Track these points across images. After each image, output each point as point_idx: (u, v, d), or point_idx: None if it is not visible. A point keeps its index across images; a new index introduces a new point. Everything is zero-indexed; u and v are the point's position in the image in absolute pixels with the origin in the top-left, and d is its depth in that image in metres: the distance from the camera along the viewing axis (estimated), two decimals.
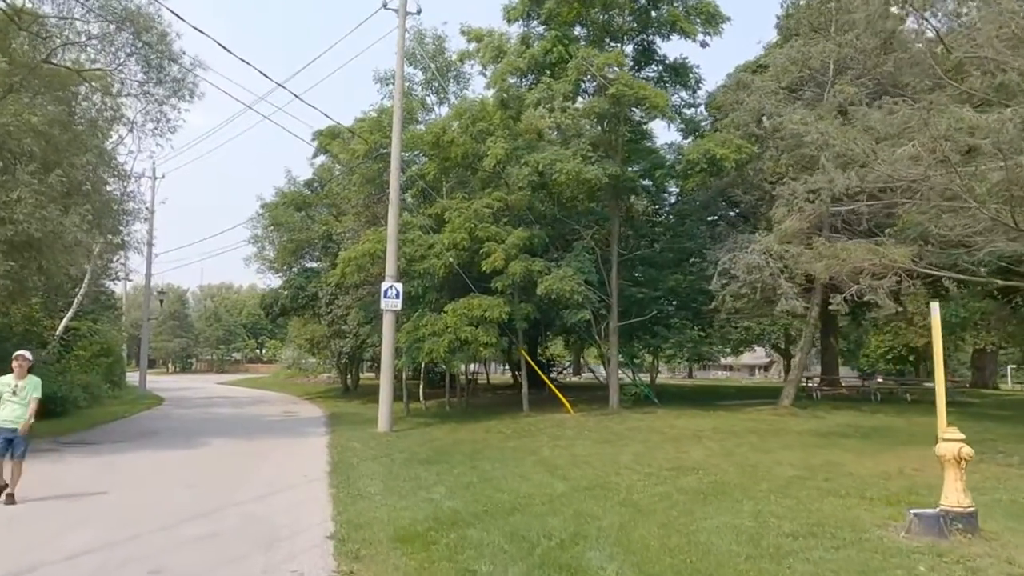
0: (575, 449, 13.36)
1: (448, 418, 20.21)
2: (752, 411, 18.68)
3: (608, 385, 19.70)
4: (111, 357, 34.01)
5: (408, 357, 18.31)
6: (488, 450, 13.71)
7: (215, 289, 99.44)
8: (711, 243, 18.99)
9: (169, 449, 14.15)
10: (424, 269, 18.46)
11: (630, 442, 13.94)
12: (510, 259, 17.99)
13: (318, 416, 23.01)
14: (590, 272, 17.82)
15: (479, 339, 17.83)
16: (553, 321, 20.63)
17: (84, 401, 24.82)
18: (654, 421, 16.86)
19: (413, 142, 20.20)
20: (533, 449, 13.61)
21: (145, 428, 18.75)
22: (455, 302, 18.47)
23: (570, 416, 18.69)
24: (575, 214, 20.75)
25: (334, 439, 15.84)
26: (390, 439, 15.76)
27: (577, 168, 16.55)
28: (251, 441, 15.78)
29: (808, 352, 19.46)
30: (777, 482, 9.54)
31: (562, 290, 16.99)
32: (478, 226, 18.25)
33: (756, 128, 17.76)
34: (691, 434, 14.61)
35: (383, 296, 17.46)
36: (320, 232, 27.53)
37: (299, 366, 54.15)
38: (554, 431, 16.20)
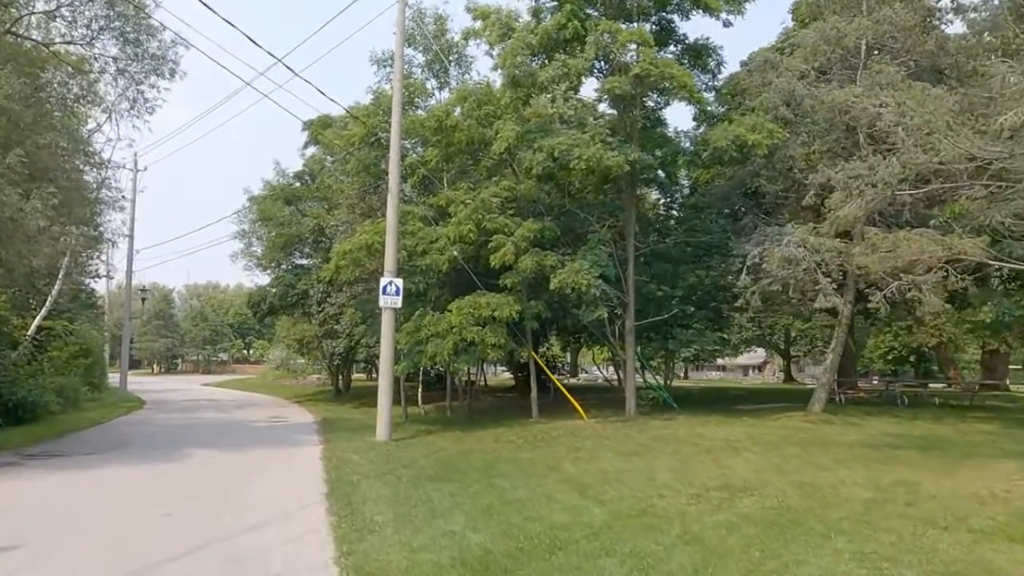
0: (601, 463, 11.95)
1: (451, 425, 18.76)
2: (780, 417, 17.35)
3: (624, 389, 18.26)
4: (90, 358, 32.33)
5: (409, 360, 16.83)
6: (502, 464, 12.28)
7: (201, 288, 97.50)
8: (734, 237, 17.63)
9: (144, 463, 12.63)
10: (426, 264, 17.00)
11: (660, 454, 12.55)
12: (520, 253, 16.56)
13: (309, 422, 21.50)
14: (607, 266, 16.41)
15: (487, 340, 16.40)
16: (560, 321, 19.16)
17: (58, 406, 23.23)
18: (678, 429, 15.48)
19: (414, 128, 18.73)
20: (553, 463, 12.20)
21: (121, 436, 17.19)
22: (460, 300, 17.02)
23: (585, 423, 17.29)
24: (585, 206, 19.34)
25: (329, 450, 14.36)
26: (391, 449, 14.30)
27: (598, 154, 15.13)
28: (237, 452, 14.28)
29: (840, 353, 18.13)
30: (853, 508, 8.17)
31: (577, 284, 15.58)
32: (486, 217, 16.81)
33: (787, 111, 16.40)
34: (725, 445, 13.24)
35: (382, 293, 15.98)
36: (311, 226, 25.99)
37: (287, 367, 52.52)
38: (571, 441, 14.79)
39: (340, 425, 19.55)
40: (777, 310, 18.46)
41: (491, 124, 17.43)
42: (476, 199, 17.08)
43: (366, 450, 14.17)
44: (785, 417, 17.25)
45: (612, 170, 15.72)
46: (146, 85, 16.83)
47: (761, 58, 17.98)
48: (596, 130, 15.84)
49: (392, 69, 19.49)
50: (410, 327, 17.05)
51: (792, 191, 18.40)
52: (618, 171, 15.73)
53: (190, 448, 14.72)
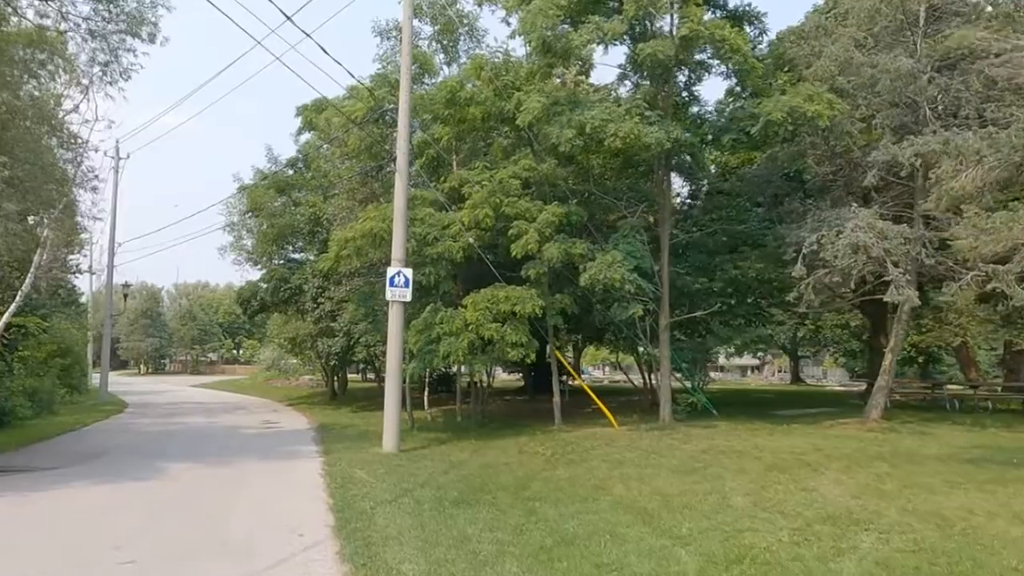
0: (656, 483, 10.10)
1: (463, 432, 16.85)
2: (834, 424, 15.60)
3: (652, 392, 16.41)
4: (69, 358, 30.28)
5: (420, 361, 14.91)
6: (536, 482, 10.42)
7: (191, 288, 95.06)
8: (778, 224, 15.79)
9: (112, 480, 10.69)
10: (438, 253, 15.11)
11: (723, 471, 10.71)
12: (544, 241, 14.71)
13: (305, 428, 19.55)
14: (643, 257, 14.58)
15: (506, 339, 14.53)
16: (583, 317, 17.27)
17: (29, 411, 21.24)
18: (728, 439, 13.66)
19: (423, 104, 16.84)
20: (598, 482, 10.34)
21: (94, 446, 15.22)
22: (475, 294, 15.15)
23: (616, 431, 15.46)
24: (609, 192, 17.51)
25: (330, 463, 12.44)
26: (401, 464, 12.39)
27: (636, 129, 13.29)
28: (223, 467, 12.34)
29: (897, 352, 16.34)
30: (1021, 550, 6.35)
31: (611, 279, 13.73)
32: (505, 201, 14.92)
33: (844, 81, 14.59)
34: (794, 460, 11.41)
35: (389, 284, 14.07)
36: (306, 215, 23.99)
37: (279, 368, 50.46)
38: (607, 453, 12.94)
39: (339, 432, 17.63)
40: (829, 304, 16.55)
41: (510, 97, 15.55)
42: (493, 180, 15.19)
43: (373, 464, 12.27)
44: (840, 424, 15.47)
45: (651, 148, 13.89)
46: (122, 50, 14.84)
47: (812, 23, 16.13)
48: (632, 103, 13.98)
49: (397, 40, 17.64)
50: (420, 324, 15.15)
51: (840, 173, 16.62)
52: (658, 148, 13.89)
53: (169, 461, 12.79)
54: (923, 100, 14.40)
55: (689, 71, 17.05)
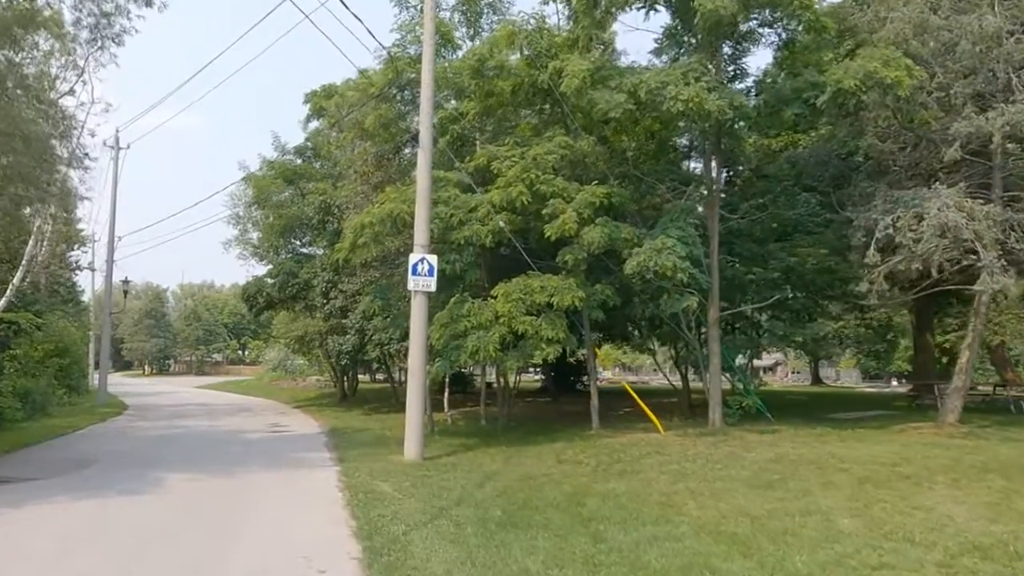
0: (733, 500, 8.58)
1: (490, 438, 15.33)
2: (908, 429, 14.05)
3: (708, 394, 14.87)
4: (67, 358, 28.88)
5: (445, 359, 13.40)
6: (591, 499, 8.91)
7: (196, 288, 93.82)
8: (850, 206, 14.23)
9: (99, 495, 9.22)
10: (464, 238, 13.61)
11: (808, 485, 9.18)
12: (584, 223, 13.20)
13: (315, 432, 18.07)
14: (694, 244, 13.07)
15: (541, 333, 13.02)
16: (621, 310, 15.73)
17: (20, 413, 19.85)
18: (795, 447, 12.11)
19: (445, 79, 15.37)
20: (663, 498, 8.82)
21: (85, 453, 13.78)
22: (506, 283, 13.66)
23: (663, 437, 13.94)
24: (651, 172, 15.99)
25: (348, 473, 10.95)
26: (428, 474, 10.89)
27: (698, 94, 11.77)
28: (226, 478, 10.86)
29: (975, 350, 14.77)
30: None
31: (662, 267, 12.20)
32: (540, 178, 13.41)
33: (920, 46, 13.04)
34: (886, 471, 9.86)
35: (411, 273, 12.58)
36: (316, 204, 22.49)
37: (284, 368, 49.11)
38: (661, 462, 11.41)
39: (353, 437, 16.16)
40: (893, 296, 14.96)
41: (545, 67, 14.05)
42: (527, 156, 13.68)
43: (396, 474, 10.78)
44: (913, 429, 13.91)
45: (711, 116, 12.34)
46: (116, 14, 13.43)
47: None
48: (689, 67, 12.44)
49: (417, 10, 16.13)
50: (444, 317, 13.65)
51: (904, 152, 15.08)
52: (720, 116, 12.32)
53: (166, 471, 11.32)
54: (1007, 66, 12.84)
55: (735, 44, 15.58)
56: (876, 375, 64.06)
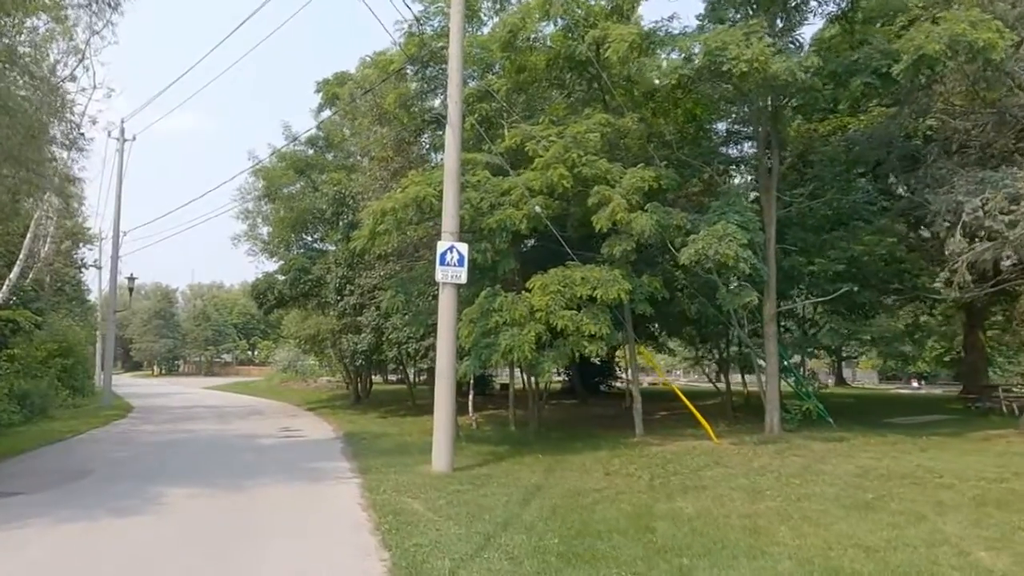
0: (835, 525, 7.23)
1: (522, 445, 14.02)
2: (989, 436, 12.63)
3: (764, 398, 13.51)
4: (71, 358, 27.75)
5: (475, 358, 12.08)
6: (659, 521, 7.59)
7: (205, 288, 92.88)
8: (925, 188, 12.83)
9: (89, 514, 7.96)
10: (497, 224, 12.29)
11: (916, 507, 7.81)
12: (632, 209, 11.87)
13: (330, 438, 16.79)
14: (755, 230, 11.71)
15: (583, 330, 11.68)
16: (667, 306, 14.36)
17: (19, 416, 18.73)
18: (875, 457, 10.74)
19: (470, 56, 14.09)
20: (746, 522, 7.49)
21: (80, 461, 12.57)
22: (542, 275, 12.34)
23: (717, 445, 12.60)
24: (695, 155, 14.65)
25: (372, 487, 9.65)
26: (462, 489, 9.58)
27: (763, 54, 10.43)
28: (235, 493, 9.58)
29: None
30: None
31: (723, 256, 10.85)
32: (582, 158, 12.08)
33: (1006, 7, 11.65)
34: (1001, 489, 8.51)
35: (439, 263, 11.28)
36: (329, 195, 21.21)
37: (295, 369, 47.93)
38: (726, 476, 10.07)
39: (372, 444, 14.86)
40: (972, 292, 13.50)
41: (583, 36, 12.73)
42: (565, 135, 12.36)
43: (426, 489, 9.48)
44: (1001, 438, 12.51)
45: (775, 80, 10.98)
46: None
47: None
48: (751, 28, 11.08)
49: None
50: (474, 312, 12.35)
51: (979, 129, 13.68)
52: (787, 78, 10.93)
53: (168, 484, 10.05)
54: None
55: (787, 16, 14.21)
56: (894, 376, 62.33)
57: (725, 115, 16.89)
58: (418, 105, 15.32)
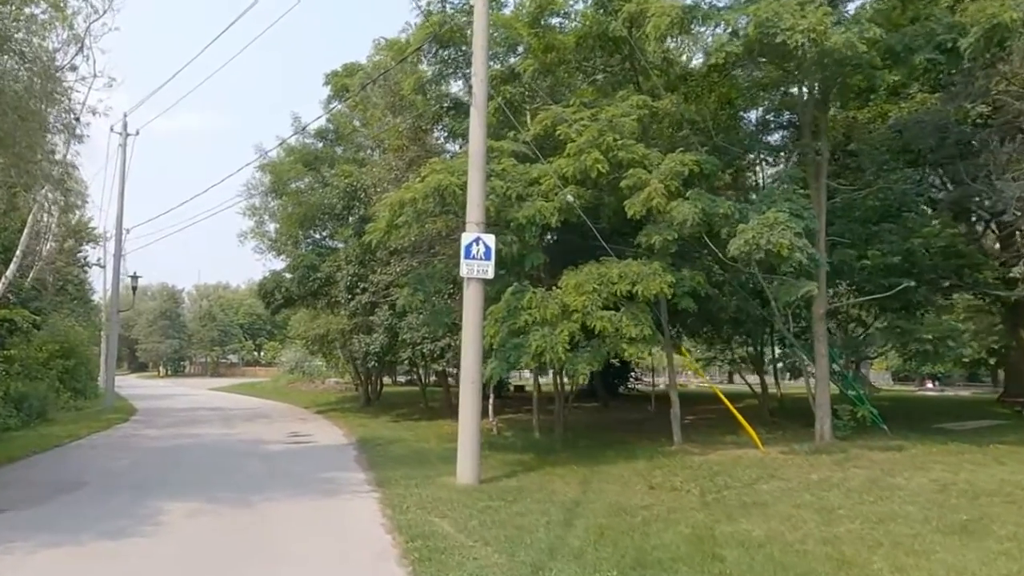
0: (932, 552, 6.25)
1: (549, 453, 13.05)
2: None
3: (814, 402, 12.48)
4: (73, 359, 26.92)
5: (501, 360, 11.09)
6: (727, 549, 6.61)
7: (211, 289, 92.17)
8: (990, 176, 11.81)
9: (70, 539, 7.00)
10: (524, 218, 11.31)
11: (1016, 529, 6.80)
12: (673, 196, 10.88)
13: (342, 443, 15.84)
14: (810, 218, 10.71)
15: (623, 330, 10.68)
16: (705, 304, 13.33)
17: (15, 420, 17.89)
18: (946, 469, 9.71)
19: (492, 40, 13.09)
20: (827, 549, 6.50)
21: (75, 471, 11.67)
22: (574, 271, 11.36)
23: (764, 454, 11.58)
24: (736, 140, 13.66)
25: (394, 503, 8.67)
26: (493, 505, 8.60)
27: (822, 22, 9.43)
28: (242, 509, 8.63)
29: None
30: None
31: (776, 246, 9.84)
32: (617, 143, 11.09)
33: None
34: None
35: (464, 256, 10.32)
36: (341, 188, 20.25)
37: (302, 370, 47.03)
38: (785, 490, 9.07)
39: (388, 451, 13.90)
40: None
41: (617, 11, 11.75)
42: (600, 119, 11.37)
43: (454, 505, 8.51)
44: None
45: (835, 52, 9.96)
46: None
47: None
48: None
49: None
50: (501, 310, 11.38)
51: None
52: (847, 52, 9.91)
53: (168, 498, 9.10)
54: None
55: None
56: (905, 376, 61.01)
57: (761, 102, 15.90)
58: (435, 90, 14.36)
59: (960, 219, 16.45)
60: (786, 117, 16.02)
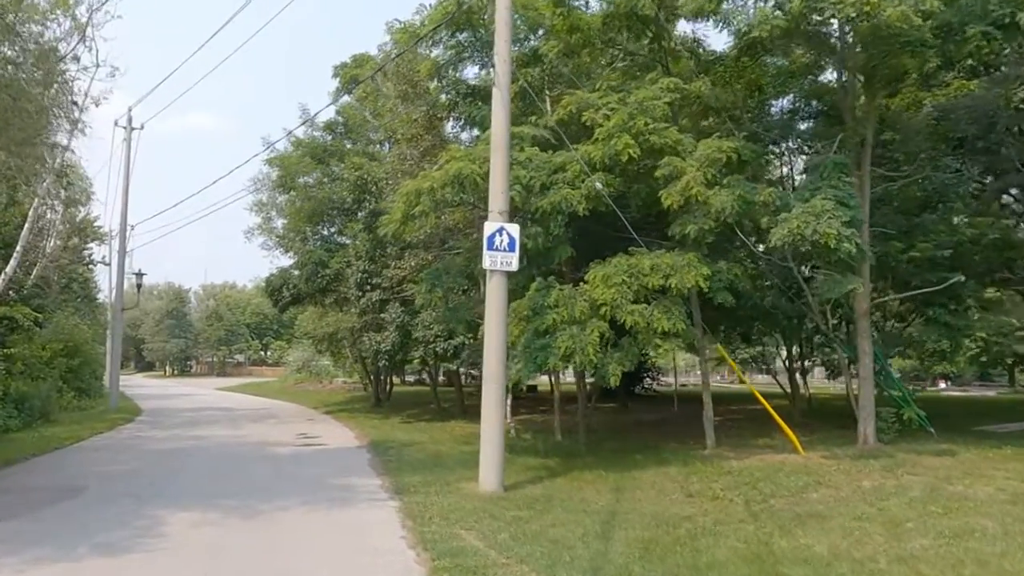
0: None
1: (573, 458, 12.35)
2: None
3: (857, 404, 11.75)
4: (77, 358, 26.34)
5: (527, 363, 10.39)
6: (792, 568, 5.95)
7: (217, 288, 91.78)
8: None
9: (62, 555, 6.35)
10: (551, 205, 10.63)
11: None
12: (710, 184, 10.18)
13: (354, 447, 15.17)
14: (857, 207, 9.99)
15: (655, 326, 9.99)
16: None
17: (15, 421, 17.30)
18: (1010, 478, 8.98)
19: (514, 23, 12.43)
20: (901, 569, 5.88)
21: (72, 476, 11.03)
22: (602, 264, 10.66)
23: (804, 459, 10.86)
24: (770, 126, 12.97)
25: (414, 515, 8.00)
26: (522, 516, 7.94)
27: None
28: (247, 519, 7.96)
29: None
30: None
31: (823, 235, 9.13)
32: (649, 127, 10.39)
33: None
34: None
35: (486, 247, 9.65)
36: (352, 181, 19.59)
37: (309, 369, 46.46)
38: (836, 500, 8.37)
39: (402, 455, 13.22)
40: None
41: None
42: (629, 102, 10.68)
43: (481, 517, 7.83)
44: None
45: (888, 26, 9.25)
46: None
47: None
48: None
49: None
50: (524, 308, 10.69)
51: None
52: (901, 24, 9.18)
53: (168, 507, 8.45)
54: None
55: None
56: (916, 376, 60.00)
57: (791, 89, 15.19)
58: (451, 76, 13.69)
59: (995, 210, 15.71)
60: (817, 106, 15.29)
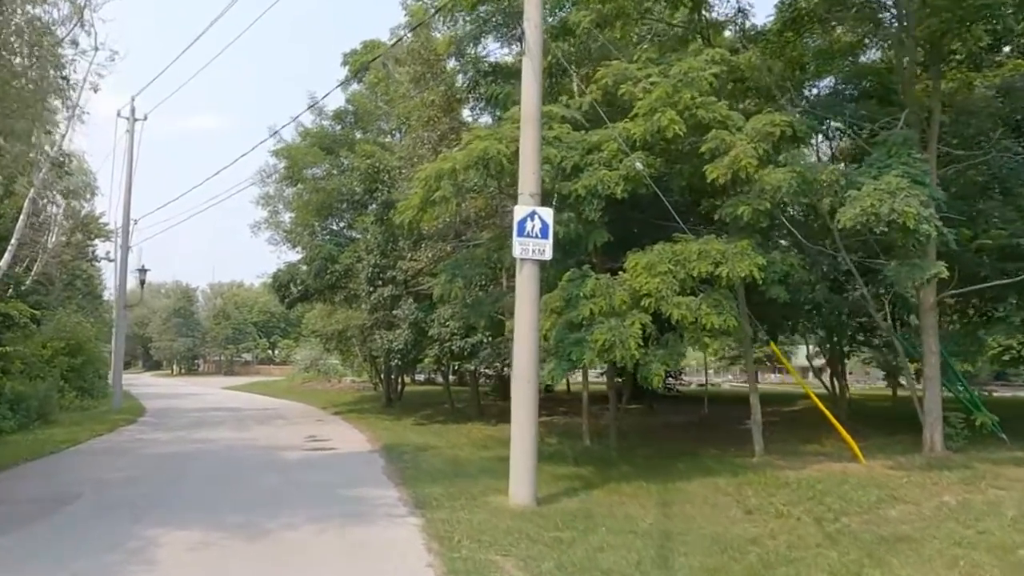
0: None
1: (608, 466, 11.30)
2: None
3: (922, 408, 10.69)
4: (80, 357, 25.50)
5: (561, 360, 9.39)
6: None
7: (225, 287, 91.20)
8: None
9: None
10: (585, 188, 9.62)
11: None
12: (762, 161, 9.15)
13: (366, 451, 14.18)
14: (933, 186, 8.97)
15: (703, 320, 8.98)
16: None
17: (11, 422, 16.44)
18: None
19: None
20: None
21: (65, 484, 10.10)
22: (641, 252, 9.65)
23: (866, 468, 9.83)
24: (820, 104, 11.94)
25: (440, 535, 7.01)
26: (563, 536, 6.95)
27: None
28: (251, 540, 6.97)
29: None
30: None
31: (903, 215, 8.10)
32: (695, 100, 9.36)
33: None
34: None
35: (516, 233, 8.66)
36: (363, 170, 18.60)
37: (317, 368, 45.59)
38: (917, 518, 7.37)
39: (418, 460, 12.23)
40: None
41: None
42: (672, 74, 9.65)
43: (517, 539, 6.85)
44: None
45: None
46: None
47: None
48: None
49: None
50: (555, 300, 9.68)
51: None
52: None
53: (163, 523, 7.48)
54: None
55: None
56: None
57: (835, 70, 14.19)
58: (471, 53, 12.71)
59: None
60: (864, 85, 14.26)
